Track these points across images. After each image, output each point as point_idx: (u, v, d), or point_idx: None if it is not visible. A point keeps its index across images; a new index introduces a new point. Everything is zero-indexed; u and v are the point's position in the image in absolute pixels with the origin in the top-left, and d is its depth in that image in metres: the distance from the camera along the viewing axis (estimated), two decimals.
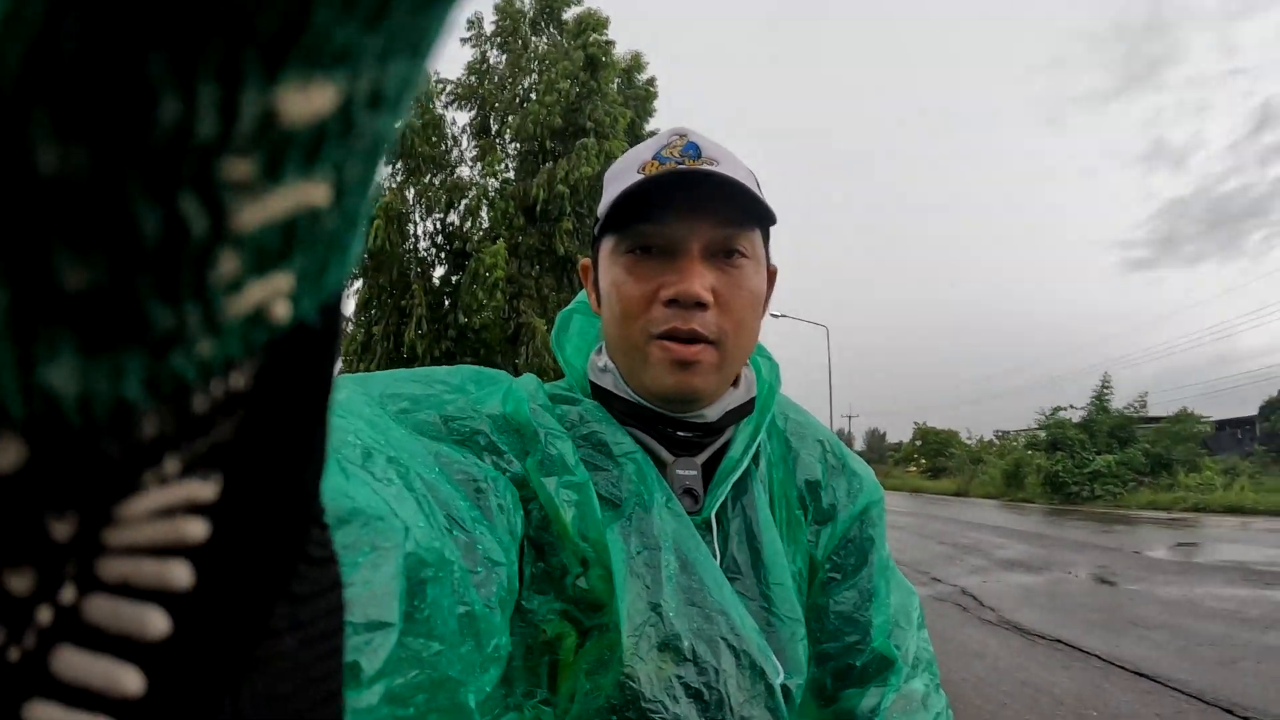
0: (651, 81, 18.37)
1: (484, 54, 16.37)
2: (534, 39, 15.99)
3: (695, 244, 0.72)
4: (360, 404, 0.57)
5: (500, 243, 13.31)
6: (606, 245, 0.76)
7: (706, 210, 0.71)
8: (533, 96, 14.97)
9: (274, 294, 0.13)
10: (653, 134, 14.82)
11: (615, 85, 15.69)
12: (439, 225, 14.95)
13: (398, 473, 0.49)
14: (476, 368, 0.75)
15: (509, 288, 14.08)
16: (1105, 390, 24.70)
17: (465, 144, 15.79)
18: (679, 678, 0.67)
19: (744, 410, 0.80)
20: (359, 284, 14.65)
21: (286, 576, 0.18)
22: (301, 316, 0.14)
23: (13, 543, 0.12)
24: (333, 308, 0.16)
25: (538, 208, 14.19)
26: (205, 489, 0.14)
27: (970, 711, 4.51)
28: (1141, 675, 5.03)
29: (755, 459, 0.81)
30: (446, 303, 14.55)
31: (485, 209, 14.29)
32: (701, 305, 0.71)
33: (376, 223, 13.23)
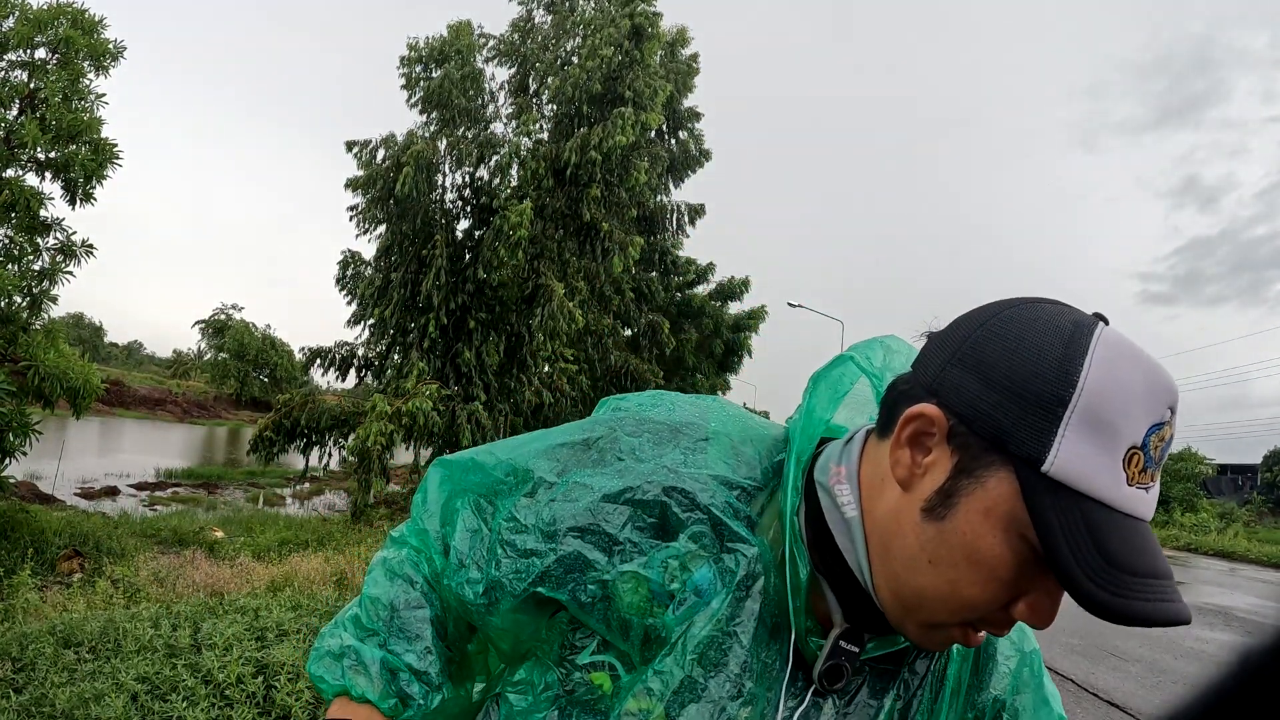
0: (694, 58, 18.18)
1: (530, 12, 16.21)
2: (581, 2, 15.81)
3: None
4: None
5: (527, 202, 13.26)
6: (1012, 488, 0.55)
7: None
8: (574, 60, 14.83)
9: None
10: (690, 111, 14.51)
11: (658, 58, 15.52)
12: (468, 179, 14.89)
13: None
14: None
15: (531, 248, 14.05)
16: None
17: (502, 100, 15.69)
18: None
19: None
20: (382, 229, 14.64)
21: None
22: None
23: None
24: None
25: (568, 171, 14.11)
26: None
27: None
28: (1113, 705, 5.08)
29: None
30: (467, 257, 14.53)
31: (516, 167, 14.22)
32: None
33: (406, 169, 13.19)
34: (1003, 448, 0.54)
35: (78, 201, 8.29)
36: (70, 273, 8.27)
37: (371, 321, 14.39)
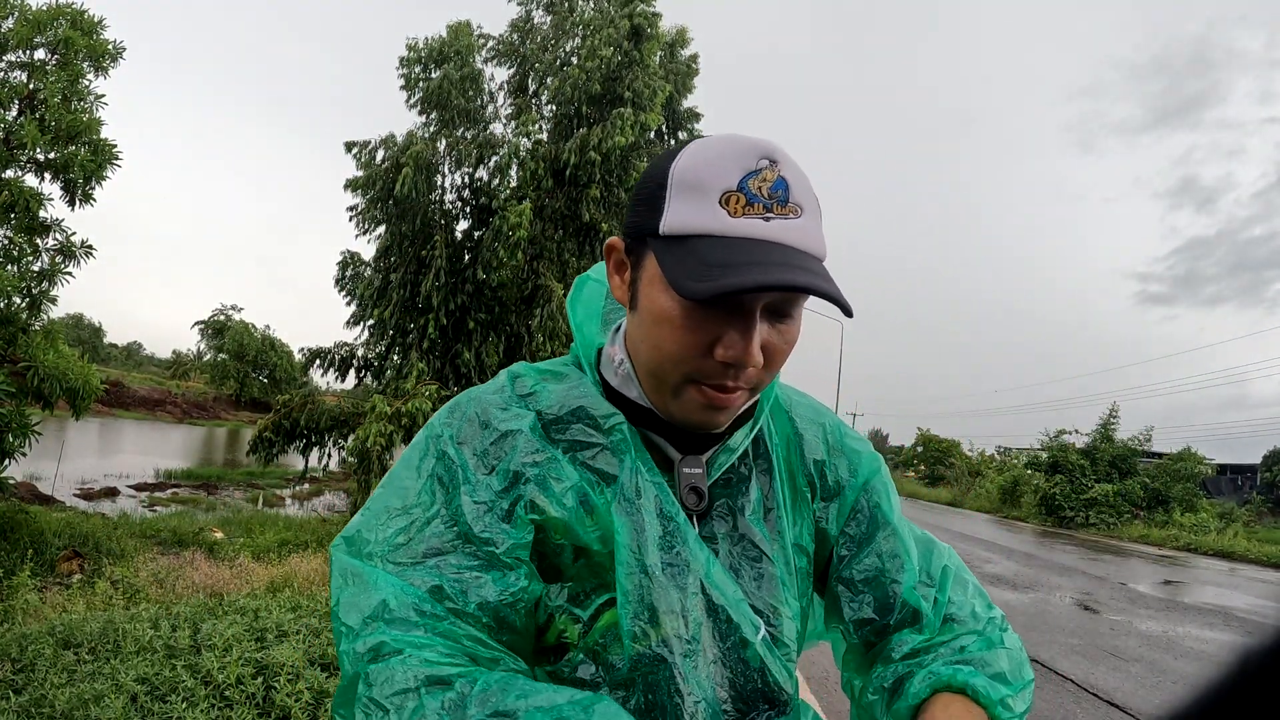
0: (694, 58, 18.16)
1: (529, 13, 16.19)
2: (580, 2, 15.80)
3: (759, 304, 0.71)
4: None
5: (527, 203, 13.25)
6: (654, 258, 0.73)
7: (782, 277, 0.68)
8: (574, 60, 14.81)
9: None
10: (690, 112, 14.44)
11: (658, 58, 15.50)
12: (467, 179, 14.88)
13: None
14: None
15: (530, 249, 14.04)
16: (1112, 419, 24.60)
17: (501, 100, 15.68)
18: (676, 634, 0.76)
19: (748, 413, 0.86)
20: (381, 229, 14.63)
21: None
22: None
23: None
24: None
25: (567, 172, 14.10)
26: None
27: None
28: (1113, 705, 5.07)
29: (755, 444, 0.89)
30: (467, 257, 14.52)
31: (515, 168, 14.20)
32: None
33: (405, 170, 13.18)
34: (644, 236, 0.74)
35: (77, 202, 8.29)
36: (69, 273, 8.27)
37: (371, 322, 14.37)
